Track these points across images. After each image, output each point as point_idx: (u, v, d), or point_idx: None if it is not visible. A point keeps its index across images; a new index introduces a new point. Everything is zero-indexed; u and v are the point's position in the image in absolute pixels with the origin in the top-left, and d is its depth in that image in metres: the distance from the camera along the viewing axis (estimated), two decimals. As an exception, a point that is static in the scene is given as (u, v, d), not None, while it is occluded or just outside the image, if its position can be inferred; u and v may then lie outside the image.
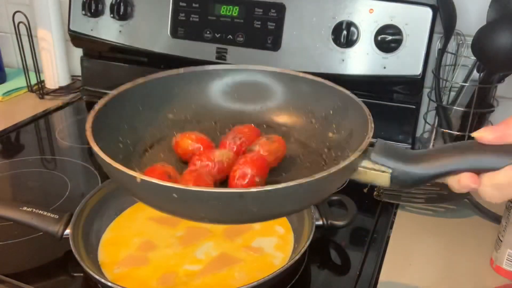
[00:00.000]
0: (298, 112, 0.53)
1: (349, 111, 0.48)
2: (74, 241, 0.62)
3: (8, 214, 0.66)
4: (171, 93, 0.53)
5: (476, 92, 0.86)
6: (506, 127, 0.39)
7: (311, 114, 0.53)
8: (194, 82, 0.54)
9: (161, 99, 0.53)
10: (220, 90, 0.55)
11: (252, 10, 0.99)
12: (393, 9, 0.90)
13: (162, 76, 0.53)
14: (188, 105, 0.54)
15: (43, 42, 1.22)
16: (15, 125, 1.08)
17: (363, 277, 0.65)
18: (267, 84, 0.54)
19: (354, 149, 0.42)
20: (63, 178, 0.88)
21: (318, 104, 0.52)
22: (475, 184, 0.39)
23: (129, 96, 0.51)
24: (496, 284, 0.65)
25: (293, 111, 0.54)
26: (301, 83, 0.53)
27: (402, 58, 0.90)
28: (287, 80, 0.54)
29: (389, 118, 0.97)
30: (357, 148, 0.41)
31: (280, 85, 0.54)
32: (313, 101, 0.53)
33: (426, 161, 0.40)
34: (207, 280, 0.61)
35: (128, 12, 1.10)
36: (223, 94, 0.55)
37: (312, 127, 0.52)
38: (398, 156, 0.41)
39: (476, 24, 0.83)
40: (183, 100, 0.54)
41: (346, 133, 0.49)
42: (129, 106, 0.51)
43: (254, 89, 0.55)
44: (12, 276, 0.64)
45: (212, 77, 0.55)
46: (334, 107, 0.51)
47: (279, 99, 0.54)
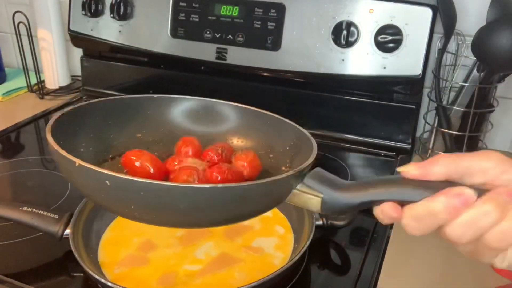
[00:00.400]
0: (258, 145, 0.56)
1: (302, 148, 0.51)
2: (74, 241, 0.62)
3: (8, 214, 0.66)
4: (144, 114, 0.56)
5: (476, 92, 0.86)
6: (430, 165, 0.41)
7: (270, 148, 0.56)
8: (166, 107, 0.57)
9: (132, 118, 0.56)
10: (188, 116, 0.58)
11: (252, 10, 0.99)
12: (393, 9, 0.90)
13: (137, 96, 0.56)
14: (157, 128, 0.57)
15: (43, 42, 1.22)
16: (15, 125, 1.08)
17: (363, 277, 0.65)
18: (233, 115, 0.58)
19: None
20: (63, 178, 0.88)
21: (277, 140, 0.55)
22: (396, 213, 0.41)
23: (101, 108, 0.54)
24: (496, 284, 0.65)
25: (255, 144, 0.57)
26: (264, 119, 0.56)
27: (402, 58, 0.90)
28: (252, 115, 0.57)
29: (389, 118, 0.97)
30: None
31: (245, 118, 0.58)
32: (273, 137, 0.56)
33: (354, 190, 0.43)
34: (207, 280, 0.61)
35: (128, 12, 1.10)
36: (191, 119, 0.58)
37: (268, 161, 0.55)
38: (330, 183, 0.44)
39: (476, 24, 0.83)
40: (153, 123, 0.57)
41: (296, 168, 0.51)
42: (99, 117, 0.53)
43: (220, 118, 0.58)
44: (12, 276, 0.64)
45: (182, 103, 0.58)
46: (290, 144, 0.53)
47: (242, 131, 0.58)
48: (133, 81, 1.18)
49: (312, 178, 0.44)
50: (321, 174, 0.45)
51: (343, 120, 1.00)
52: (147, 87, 1.16)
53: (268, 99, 1.04)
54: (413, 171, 0.41)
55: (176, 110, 0.58)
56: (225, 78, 1.06)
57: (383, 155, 0.97)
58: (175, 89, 1.13)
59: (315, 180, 0.44)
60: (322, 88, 1.00)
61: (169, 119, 0.58)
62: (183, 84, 1.12)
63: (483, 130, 0.93)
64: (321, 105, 1.02)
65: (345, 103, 1.00)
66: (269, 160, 0.55)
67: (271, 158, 0.55)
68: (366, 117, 0.99)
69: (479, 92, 0.86)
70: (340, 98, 1.00)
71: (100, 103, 0.54)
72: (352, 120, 1.00)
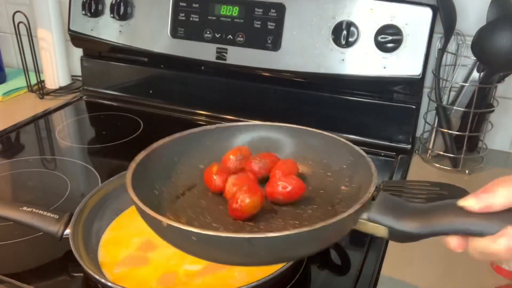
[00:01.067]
0: (315, 164, 0.58)
1: (359, 166, 0.52)
2: (74, 241, 0.62)
3: (8, 214, 0.66)
4: (203, 145, 0.60)
5: (476, 92, 0.86)
6: (491, 197, 0.41)
7: (327, 167, 0.57)
8: (224, 136, 0.60)
9: (194, 151, 0.59)
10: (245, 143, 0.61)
11: (252, 10, 0.99)
12: (393, 9, 0.90)
13: (197, 131, 0.59)
14: (217, 156, 0.59)
15: (43, 42, 1.22)
16: (15, 125, 1.08)
17: (363, 277, 0.65)
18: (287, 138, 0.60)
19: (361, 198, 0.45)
20: (63, 178, 0.88)
21: (333, 158, 0.56)
22: (461, 249, 0.43)
23: (167, 149, 0.57)
24: (496, 284, 0.65)
25: (311, 163, 0.58)
26: (318, 139, 0.58)
27: (402, 58, 0.90)
28: (306, 135, 0.59)
29: (389, 118, 0.97)
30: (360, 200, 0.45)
31: (300, 139, 0.60)
32: (329, 155, 0.57)
33: (417, 221, 0.43)
34: (207, 280, 0.61)
35: (128, 12, 1.10)
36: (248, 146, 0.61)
37: (327, 180, 0.56)
38: (393, 213, 0.44)
39: (476, 24, 0.83)
40: (212, 152, 0.60)
41: (356, 187, 0.52)
42: (166, 158, 0.57)
43: (275, 143, 0.60)
44: (12, 276, 0.64)
45: (240, 131, 0.61)
46: (347, 162, 0.54)
47: (299, 152, 0.59)
48: (133, 81, 1.19)
49: (376, 208, 0.45)
50: (384, 203, 0.45)
51: (343, 120, 1.00)
52: (147, 87, 1.16)
53: (268, 99, 1.05)
54: (475, 206, 0.41)
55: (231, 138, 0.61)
56: (225, 78, 1.06)
57: (383, 155, 0.97)
58: (175, 89, 1.14)
59: (378, 211, 0.45)
60: (322, 88, 1.00)
61: (227, 147, 0.60)
62: (183, 84, 1.12)
63: (483, 130, 0.93)
64: (321, 105, 1.01)
65: (345, 103, 1.00)
66: (328, 179, 0.56)
67: (329, 176, 0.56)
68: (366, 117, 0.99)
69: (479, 92, 0.86)
70: (340, 98, 1.00)
71: (166, 145, 0.57)
72: (352, 120, 1.00)
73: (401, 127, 0.97)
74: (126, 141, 1.01)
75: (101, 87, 1.21)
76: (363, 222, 0.45)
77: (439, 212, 0.43)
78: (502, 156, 0.99)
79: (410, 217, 0.44)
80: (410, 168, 0.94)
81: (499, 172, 0.91)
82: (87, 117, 1.17)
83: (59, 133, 1.07)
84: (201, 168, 0.58)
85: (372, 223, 0.45)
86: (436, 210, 0.44)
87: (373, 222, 0.45)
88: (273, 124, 0.61)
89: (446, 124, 0.91)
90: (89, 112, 1.19)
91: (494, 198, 0.41)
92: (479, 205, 0.41)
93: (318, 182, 0.57)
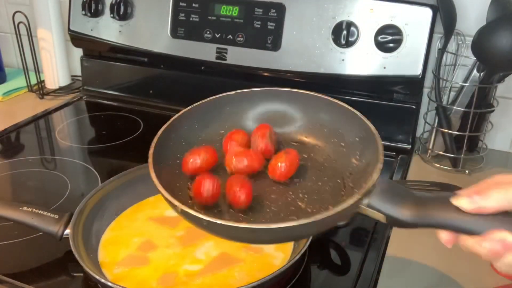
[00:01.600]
0: (330, 133, 0.58)
1: (370, 143, 0.52)
2: (74, 241, 0.62)
3: (8, 214, 0.66)
4: (223, 111, 0.60)
5: (476, 92, 0.86)
6: (483, 200, 0.42)
7: (342, 137, 0.57)
8: (244, 103, 0.61)
9: (214, 117, 0.60)
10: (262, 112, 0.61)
11: (252, 10, 0.99)
12: (393, 9, 0.90)
13: (217, 97, 0.60)
14: (237, 122, 0.60)
15: (43, 42, 1.22)
16: (15, 125, 1.08)
17: (363, 277, 0.65)
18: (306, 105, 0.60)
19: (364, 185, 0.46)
20: (63, 178, 0.88)
21: (348, 129, 0.57)
22: (450, 244, 0.45)
23: (187, 117, 0.58)
24: (496, 284, 0.65)
25: (326, 131, 0.59)
26: (336, 109, 0.58)
27: (402, 58, 0.90)
28: (322, 104, 0.59)
29: (389, 118, 0.97)
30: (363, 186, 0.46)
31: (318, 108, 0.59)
32: (344, 126, 0.57)
33: (414, 212, 0.45)
34: (207, 280, 0.61)
35: (128, 12, 1.10)
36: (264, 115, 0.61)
37: (340, 150, 0.57)
38: (393, 202, 0.46)
39: (476, 24, 0.83)
40: (233, 118, 0.60)
41: (365, 163, 0.52)
42: (187, 125, 0.58)
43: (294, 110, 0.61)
44: (12, 276, 0.64)
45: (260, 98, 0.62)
46: (360, 136, 0.55)
47: (317, 119, 0.60)
48: (133, 81, 1.19)
49: (376, 196, 0.46)
50: (385, 191, 0.46)
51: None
52: (147, 87, 1.16)
53: (268, 99, 1.05)
54: (467, 207, 0.43)
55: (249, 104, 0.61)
56: (225, 78, 1.06)
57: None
58: (175, 89, 1.13)
59: (379, 198, 0.46)
60: (322, 88, 1.00)
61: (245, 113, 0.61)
62: (183, 84, 1.12)
63: (483, 130, 0.93)
64: (321, 105, 1.01)
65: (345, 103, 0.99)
66: (341, 149, 0.56)
67: (342, 146, 0.57)
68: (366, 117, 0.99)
69: (479, 92, 0.86)
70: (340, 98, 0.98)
71: (185, 113, 0.58)
72: (352, 120, 1.00)
73: (401, 127, 0.97)
74: (126, 141, 1.01)
75: (101, 87, 1.21)
76: (363, 208, 0.46)
77: (435, 205, 0.45)
78: (502, 156, 0.99)
79: (408, 207, 0.45)
80: (410, 168, 0.94)
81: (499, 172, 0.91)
82: (87, 117, 1.17)
83: (59, 133, 1.07)
84: (222, 133, 0.59)
85: (371, 210, 0.46)
86: (432, 203, 0.45)
87: (373, 209, 0.46)
88: (294, 91, 0.61)
89: (446, 124, 0.91)
90: (89, 112, 1.19)
91: (486, 202, 0.42)
92: (471, 207, 0.42)
93: (332, 151, 0.57)
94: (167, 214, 0.73)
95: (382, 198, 0.46)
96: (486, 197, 0.42)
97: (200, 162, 0.54)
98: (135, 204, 0.74)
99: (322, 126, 0.59)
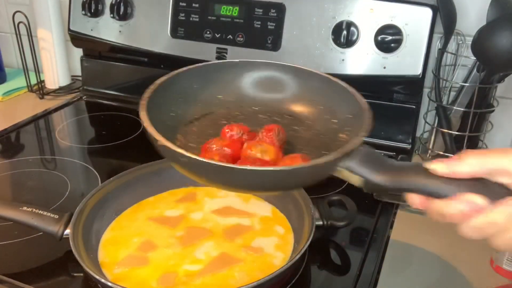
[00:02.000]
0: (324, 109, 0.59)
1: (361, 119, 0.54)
2: (74, 241, 0.62)
3: (8, 214, 0.66)
4: (225, 78, 0.61)
5: (476, 92, 0.86)
6: (457, 164, 0.44)
7: (333, 113, 0.58)
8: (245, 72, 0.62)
9: (215, 82, 0.60)
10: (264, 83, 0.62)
11: (252, 10, 0.99)
12: (393, 9, 0.90)
13: (220, 62, 0.63)
14: (235, 90, 0.61)
15: (43, 42, 1.22)
16: (15, 125, 1.08)
17: (363, 277, 0.65)
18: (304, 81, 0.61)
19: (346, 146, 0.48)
20: (63, 178, 0.88)
21: (342, 107, 0.58)
22: (422, 207, 0.46)
23: (188, 75, 0.59)
24: (496, 284, 0.65)
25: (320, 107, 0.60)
26: (333, 85, 0.59)
27: (402, 58, 0.90)
28: (318, 80, 0.60)
29: (389, 118, 0.97)
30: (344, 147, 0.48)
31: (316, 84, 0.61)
32: (338, 103, 0.58)
33: (390, 176, 0.47)
34: (207, 280, 0.61)
35: (128, 12, 1.10)
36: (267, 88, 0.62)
37: (331, 126, 0.58)
38: (371, 166, 0.48)
39: (476, 24, 0.83)
40: (232, 86, 0.61)
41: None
42: (186, 83, 0.59)
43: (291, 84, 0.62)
44: (12, 276, 0.64)
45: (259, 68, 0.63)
46: (353, 113, 0.56)
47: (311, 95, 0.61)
48: (133, 81, 1.18)
49: (356, 159, 0.47)
50: (364, 155, 0.48)
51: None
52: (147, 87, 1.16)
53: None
54: (441, 170, 0.44)
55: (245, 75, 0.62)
56: (225, 78, 1.06)
57: (383, 155, 0.96)
58: (175, 89, 1.13)
59: (359, 162, 0.47)
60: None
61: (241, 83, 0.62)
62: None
63: (483, 130, 0.93)
64: (321, 105, 1.01)
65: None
66: (333, 126, 0.57)
67: (334, 123, 0.57)
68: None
69: (479, 92, 0.86)
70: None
71: (188, 71, 0.59)
72: (352, 120, 1.00)
73: (401, 127, 0.97)
74: (126, 141, 1.01)
75: (101, 87, 1.21)
76: (341, 170, 0.48)
77: (410, 171, 0.47)
78: (502, 156, 0.99)
79: (384, 172, 0.47)
80: (410, 168, 0.94)
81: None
82: (87, 117, 1.17)
83: (59, 133, 1.07)
84: (220, 98, 0.60)
85: (348, 172, 0.47)
86: (407, 169, 0.47)
87: (351, 171, 0.47)
88: (293, 66, 0.62)
89: (446, 124, 0.91)
90: (89, 112, 1.19)
91: (460, 166, 0.43)
92: (445, 170, 0.44)
93: (323, 127, 0.58)
94: (167, 214, 0.73)
95: (361, 163, 0.48)
96: (460, 162, 0.44)
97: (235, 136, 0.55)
98: (135, 204, 0.74)
99: (317, 103, 0.60)
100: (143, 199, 0.75)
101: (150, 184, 0.76)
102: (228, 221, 0.71)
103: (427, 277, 0.67)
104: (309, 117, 0.59)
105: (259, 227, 0.70)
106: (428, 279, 0.66)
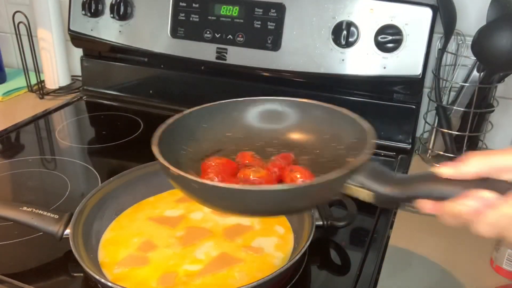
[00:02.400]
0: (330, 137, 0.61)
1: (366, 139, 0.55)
2: (74, 241, 0.62)
3: (8, 214, 0.66)
4: (231, 116, 0.63)
5: (476, 92, 0.86)
6: (462, 166, 0.45)
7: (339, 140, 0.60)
8: (250, 108, 0.64)
9: (222, 120, 0.63)
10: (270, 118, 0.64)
11: (252, 10, 0.99)
12: (393, 9, 0.90)
13: (227, 101, 0.64)
14: (243, 126, 0.63)
15: (43, 42, 1.22)
16: (15, 125, 1.08)
17: (363, 277, 0.65)
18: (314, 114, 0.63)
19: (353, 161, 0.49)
20: (63, 178, 0.88)
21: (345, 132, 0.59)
22: (433, 211, 0.46)
23: (197, 115, 0.61)
24: (496, 284, 0.65)
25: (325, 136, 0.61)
26: (335, 114, 0.61)
27: (402, 58, 0.90)
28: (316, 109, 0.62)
29: (389, 118, 0.97)
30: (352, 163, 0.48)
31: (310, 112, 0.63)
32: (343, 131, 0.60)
33: (399, 187, 0.48)
34: (207, 280, 0.61)
35: (128, 12, 1.10)
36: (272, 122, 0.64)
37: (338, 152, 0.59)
38: (379, 179, 0.49)
39: (476, 24, 0.83)
40: (240, 122, 0.63)
41: None
42: (195, 122, 0.61)
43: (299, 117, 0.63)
44: (12, 276, 0.64)
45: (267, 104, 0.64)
46: (357, 137, 0.57)
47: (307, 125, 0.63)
48: (133, 81, 1.19)
49: (363, 174, 0.48)
50: (372, 170, 0.49)
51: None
52: (147, 87, 1.16)
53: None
54: (447, 172, 0.45)
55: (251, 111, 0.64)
56: (225, 78, 1.06)
57: (383, 155, 0.97)
58: (175, 89, 1.13)
59: (366, 176, 0.48)
60: (322, 88, 1.00)
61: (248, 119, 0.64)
62: (183, 84, 1.12)
63: (483, 130, 0.93)
64: (321, 105, 1.01)
65: (345, 103, 0.99)
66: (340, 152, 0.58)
67: (341, 149, 0.59)
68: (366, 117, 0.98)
69: (479, 92, 0.86)
70: (340, 98, 0.99)
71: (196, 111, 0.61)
72: (352, 120, 1.00)
73: (401, 127, 0.97)
74: (126, 141, 1.01)
75: (101, 87, 1.21)
76: (349, 187, 0.49)
77: (418, 179, 0.48)
78: (502, 156, 0.99)
79: (393, 184, 0.48)
80: (410, 168, 0.94)
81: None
82: (87, 117, 1.17)
83: (59, 133, 1.07)
84: (229, 135, 0.62)
85: (357, 188, 0.48)
86: (415, 178, 0.49)
87: (361, 186, 0.48)
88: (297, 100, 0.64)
89: (446, 124, 0.91)
90: (89, 112, 1.19)
91: (466, 167, 0.45)
92: (452, 172, 0.45)
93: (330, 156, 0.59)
94: (167, 214, 0.73)
95: (369, 177, 0.49)
96: (466, 163, 0.45)
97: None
98: (135, 204, 0.74)
99: (322, 132, 0.61)
100: (143, 199, 0.76)
101: (150, 184, 0.76)
102: (228, 221, 0.71)
103: (427, 277, 0.67)
104: (316, 146, 0.61)
105: (259, 227, 0.70)
106: (428, 279, 0.66)
